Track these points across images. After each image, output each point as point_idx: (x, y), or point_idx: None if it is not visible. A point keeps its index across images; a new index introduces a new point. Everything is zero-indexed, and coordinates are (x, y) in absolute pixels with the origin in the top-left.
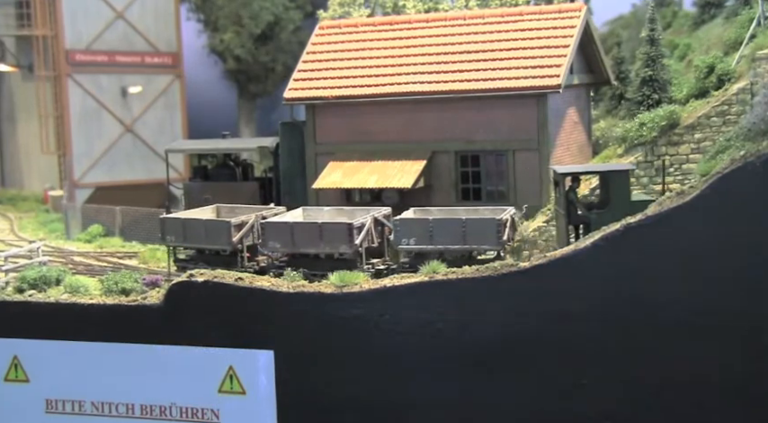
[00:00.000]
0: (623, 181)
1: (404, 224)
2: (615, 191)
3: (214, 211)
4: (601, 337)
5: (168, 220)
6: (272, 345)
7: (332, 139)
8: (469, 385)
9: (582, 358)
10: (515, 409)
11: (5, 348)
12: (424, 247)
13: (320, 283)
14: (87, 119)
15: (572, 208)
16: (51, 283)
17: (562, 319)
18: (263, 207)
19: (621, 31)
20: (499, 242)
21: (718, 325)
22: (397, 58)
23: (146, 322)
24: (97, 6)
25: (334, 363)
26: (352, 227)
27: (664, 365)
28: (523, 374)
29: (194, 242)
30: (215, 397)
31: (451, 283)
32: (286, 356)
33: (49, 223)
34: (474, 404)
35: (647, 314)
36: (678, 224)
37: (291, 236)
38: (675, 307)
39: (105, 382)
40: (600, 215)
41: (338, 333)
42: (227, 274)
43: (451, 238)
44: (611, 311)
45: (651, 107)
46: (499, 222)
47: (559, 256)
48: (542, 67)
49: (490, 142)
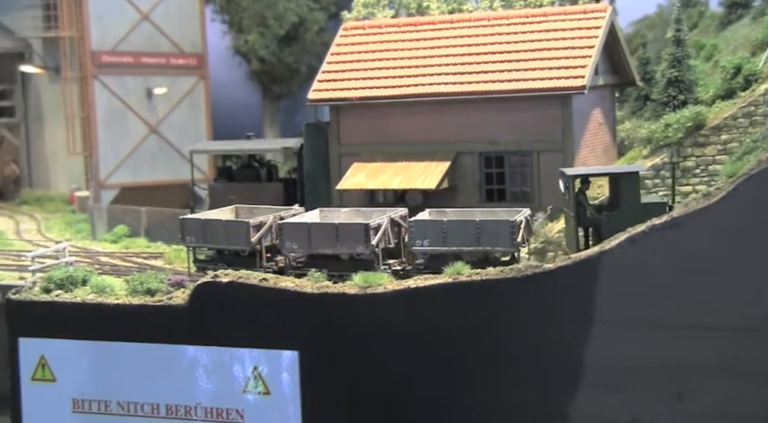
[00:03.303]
0: (633, 183)
1: (418, 226)
2: (625, 193)
3: (233, 211)
4: (625, 339)
5: (188, 221)
6: (297, 345)
7: (356, 140)
8: (494, 387)
9: (607, 361)
10: (541, 409)
11: (33, 348)
12: (438, 248)
13: (344, 284)
14: (113, 120)
15: (581, 210)
16: (78, 283)
17: (587, 320)
18: (281, 208)
19: (647, 31)
20: (513, 244)
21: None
22: (422, 58)
23: (171, 322)
24: (123, 8)
25: (358, 363)
26: (368, 228)
27: (687, 365)
28: (549, 377)
29: (213, 243)
30: (240, 397)
31: (476, 285)
32: (311, 357)
33: (75, 224)
34: (499, 406)
35: (673, 315)
36: (704, 225)
37: (308, 236)
38: (701, 307)
39: (131, 382)
40: (610, 217)
41: (362, 334)
42: (252, 275)
43: (465, 239)
44: (636, 312)
45: (677, 108)
46: (513, 224)
47: (585, 257)
48: (567, 67)
49: (514, 143)
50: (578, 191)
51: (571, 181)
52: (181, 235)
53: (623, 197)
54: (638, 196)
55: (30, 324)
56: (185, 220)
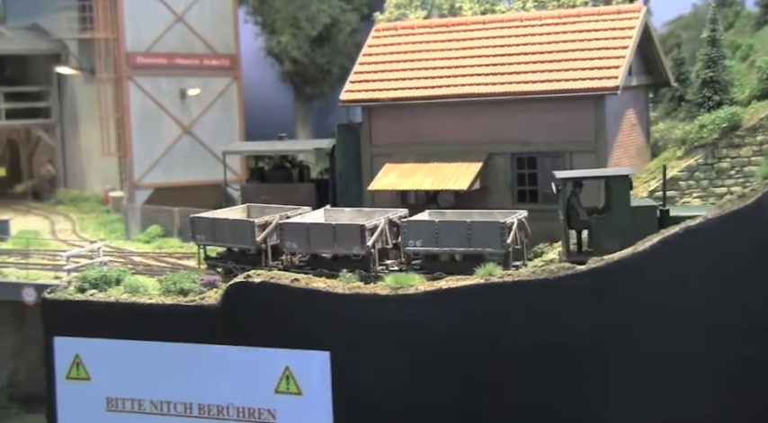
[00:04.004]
0: (623, 186)
1: (411, 226)
2: (615, 196)
3: (244, 210)
4: (658, 340)
5: (198, 220)
6: (328, 346)
7: (388, 140)
8: (525, 388)
9: (640, 361)
10: (573, 412)
11: (67, 347)
12: (431, 248)
13: (376, 284)
14: (147, 121)
15: (573, 213)
16: (112, 282)
17: (620, 321)
18: (289, 207)
19: (682, 31)
20: (503, 245)
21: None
22: (454, 59)
23: (203, 322)
24: (157, 9)
25: (389, 364)
26: (364, 229)
27: (719, 368)
28: (581, 378)
29: (221, 241)
30: (271, 397)
31: (507, 286)
32: (342, 357)
33: (109, 224)
34: (530, 407)
35: (706, 317)
36: (738, 226)
37: (307, 236)
38: (733, 309)
39: (164, 382)
40: (599, 220)
41: (393, 334)
42: (284, 276)
43: (457, 240)
44: (668, 314)
45: (712, 109)
46: (503, 225)
47: (617, 258)
48: (600, 68)
49: (547, 144)
50: (571, 193)
51: (562, 184)
52: (191, 233)
53: (613, 200)
54: (627, 200)
55: (65, 323)
56: (195, 218)
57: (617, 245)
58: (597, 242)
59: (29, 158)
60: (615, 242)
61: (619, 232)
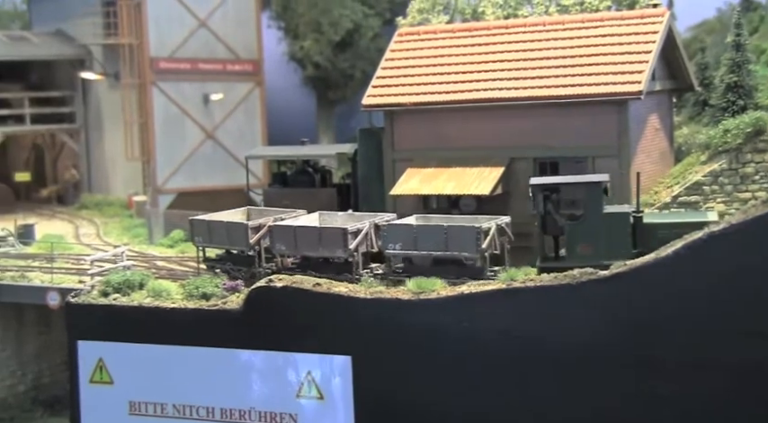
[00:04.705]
0: (595, 192)
1: (391, 230)
2: (588, 202)
3: (244, 213)
4: (681, 347)
5: (196, 222)
6: (350, 350)
7: (410, 145)
8: (546, 393)
9: (664, 366)
10: (592, 418)
11: (91, 351)
12: (409, 252)
13: (398, 289)
14: (170, 125)
15: (548, 218)
16: (135, 287)
17: (642, 327)
18: (286, 210)
19: (706, 36)
20: (478, 250)
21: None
22: (476, 64)
23: (226, 327)
24: (180, 15)
25: (411, 368)
26: (346, 232)
27: (743, 376)
28: (602, 383)
29: (218, 243)
30: (293, 402)
31: (529, 291)
32: (363, 362)
33: (132, 228)
34: (550, 412)
35: (730, 322)
36: (763, 232)
37: (295, 239)
38: (757, 315)
39: (186, 386)
40: (572, 226)
41: (415, 339)
42: (306, 280)
43: (435, 244)
44: (691, 320)
45: (736, 114)
46: (478, 230)
47: (640, 264)
48: (623, 73)
49: (569, 149)
50: (545, 199)
51: (536, 190)
52: (190, 235)
53: (586, 206)
54: (600, 206)
55: (88, 327)
56: (194, 220)
57: (590, 251)
58: (570, 248)
59: (54, 163)
60: (588, 248)
61: (591, 238)
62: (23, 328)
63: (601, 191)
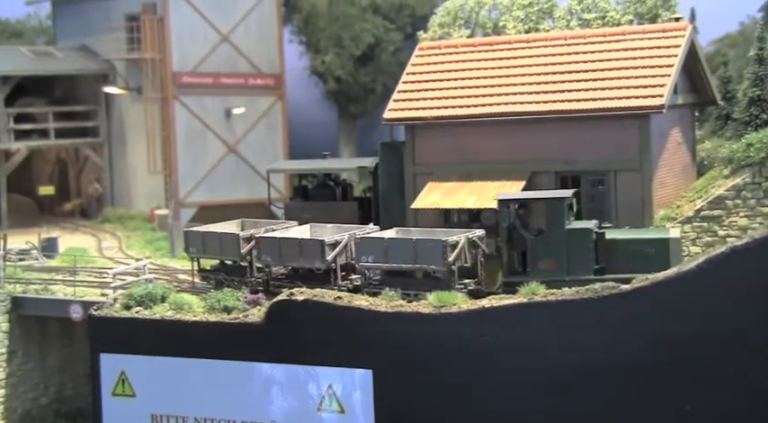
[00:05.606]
0: (557, 208)
1: (363, 243)
2: (550, 218)
3: (239, 225)
4: (704, 360)
5: (190, 233)
6: (371, 364)
7: (431, 159)
8: (568, 407)
9: (685, 382)
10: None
11: (114, 364)
12: (381, 264)
13: (419, 303)
14: (192, 139)
15: (514, 233)
16: (157, 300)
17: (664, 341)
18: (280, 222)
19: (728, 49)
20: (444, 263)
21: None
22: (498, 78)
23: (247, 340)
24: (203, 30)
25: (432, 382)
26: (324, 244)
27: (765, 386)
28: (624, 398)
29: (212, 253)
30: (314, 415)
31: (550, 305)
32: (384, 375)
33: (154, 241)
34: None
35: (751, 336)
36: None
37: (279, 250)
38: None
39: (208, 399)
40: (534, 241)
41: (436, 353)
42: (327, 293)
43: (404, 257)
44: (715, 333)
45: (759, 127)
46: (445, 244)
47: (662, 278)
48: (645, 86)
49: (591, 163)
50: (515, 214)
51: (503, 205)
52: (185, 246)
53: (549, 222)
54: (562, 222)
55: (110, 340)
56: (188, 232)
57: (552, 266)
58: (533, 263)
59: (77, 177)
60: (550, 263)
61: (554, 253)
62: (46, 341)
63: (564, 207)
